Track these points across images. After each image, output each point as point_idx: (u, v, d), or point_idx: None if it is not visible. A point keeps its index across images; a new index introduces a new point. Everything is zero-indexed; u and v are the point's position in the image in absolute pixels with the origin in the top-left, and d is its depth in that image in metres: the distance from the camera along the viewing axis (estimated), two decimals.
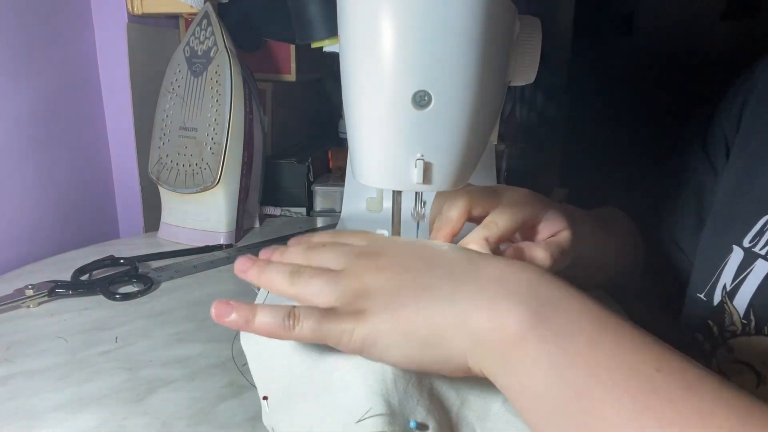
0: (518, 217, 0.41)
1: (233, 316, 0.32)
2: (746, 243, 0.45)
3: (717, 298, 0.45)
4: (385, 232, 0.47)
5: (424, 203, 0.47)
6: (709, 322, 0.46)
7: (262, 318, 0.32)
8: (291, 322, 0.32)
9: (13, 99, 0.63)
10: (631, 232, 0.59)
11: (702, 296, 0.47)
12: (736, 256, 0.45)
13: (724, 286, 0.45)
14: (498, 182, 0.64)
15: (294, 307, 0.32)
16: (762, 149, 0.46)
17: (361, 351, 0.32)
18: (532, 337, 0.29)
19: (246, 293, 0.58)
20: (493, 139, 0.47)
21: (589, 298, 0.31)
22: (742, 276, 0.44)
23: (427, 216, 0.47)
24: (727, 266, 0.45)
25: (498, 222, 0.41)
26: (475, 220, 0.43)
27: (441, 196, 0.45)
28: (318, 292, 0.34)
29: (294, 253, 0.39)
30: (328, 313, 0.32)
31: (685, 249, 0.55)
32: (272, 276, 0.36)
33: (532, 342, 0.29)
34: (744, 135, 0.50)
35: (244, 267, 0.37)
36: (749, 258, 0.44)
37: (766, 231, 0.43)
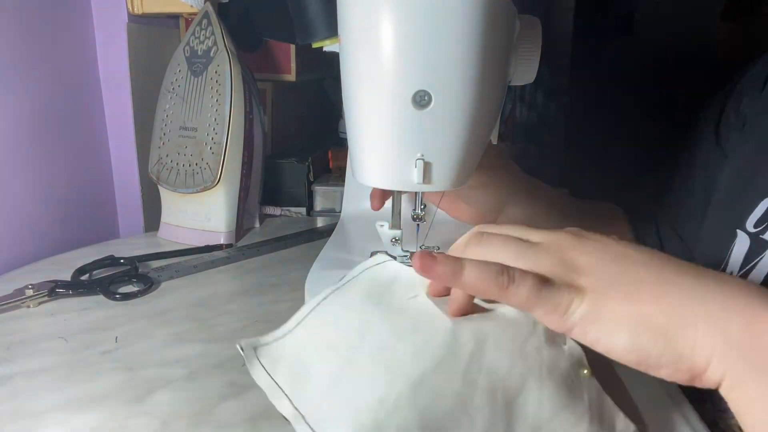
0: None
1: (439, 269, 0.29)
2: (750, 227, 0.43)
3: None
4: (386, 224, 0.47)
5: (424, 206, 0.47)
6: None
7: (472, 272, 0.29)
8: (505, 280, 0.29)
9: (13, 99, 0.63)
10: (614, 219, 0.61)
11: None
12: (742, 242, 0.43)
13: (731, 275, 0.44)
14: None
15: (506, 266, 0.29)
16: None
17: (574, 328, 0.29)
18: None
19: (247, 294, 0.58)
20: (493, 139, 0.47)
21: None
22: (751, 265, 0.42)
23: (429, 213, 0.47)
24: (733, 254, 0.44)
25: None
26: None
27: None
28: (532, 263, 0.30)
29: (475, 245, 0.34)
30: (546, 280, 0.29)
31: (686, 238, 0.55)
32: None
33: None
34: (755, 119, 0.48)
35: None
36: (757, 246, 0.42)
37: None
